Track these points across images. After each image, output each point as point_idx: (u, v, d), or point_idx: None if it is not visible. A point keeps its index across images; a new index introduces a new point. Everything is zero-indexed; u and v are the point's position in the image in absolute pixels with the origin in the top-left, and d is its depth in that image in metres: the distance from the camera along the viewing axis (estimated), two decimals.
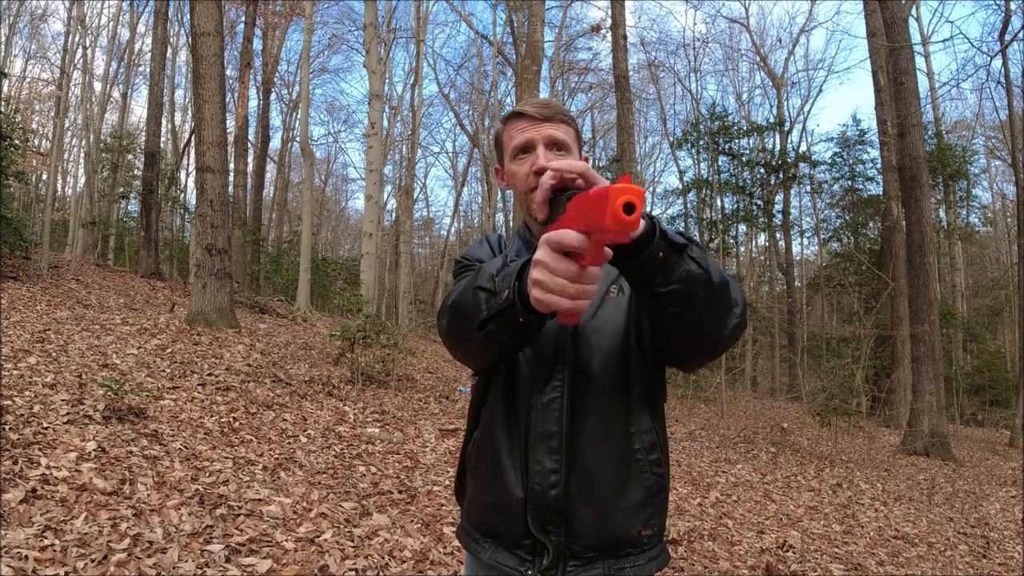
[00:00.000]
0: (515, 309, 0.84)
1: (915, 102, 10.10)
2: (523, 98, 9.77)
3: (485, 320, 0.89)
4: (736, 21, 24.20)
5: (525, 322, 0.85)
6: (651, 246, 0.79)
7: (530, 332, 0.90)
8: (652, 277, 0.83)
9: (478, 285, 0.92)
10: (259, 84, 21.20)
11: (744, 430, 9.38)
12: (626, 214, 0.60)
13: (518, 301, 0.83)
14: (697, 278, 0.84)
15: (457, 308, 0.96)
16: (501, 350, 0.94)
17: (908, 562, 4.27)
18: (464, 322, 0.94)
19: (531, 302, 0.78)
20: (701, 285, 0.84)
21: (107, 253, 16.23)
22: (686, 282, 0.83)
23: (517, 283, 0.84)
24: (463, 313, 0.94)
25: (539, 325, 0.88)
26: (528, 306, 0.82)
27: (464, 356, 1.04)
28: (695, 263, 0.83)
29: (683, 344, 0.98)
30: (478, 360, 1.04)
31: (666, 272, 0.82)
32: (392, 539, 3.03)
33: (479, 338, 0.91)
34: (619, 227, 0.61)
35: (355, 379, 6.65)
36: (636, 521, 1.03)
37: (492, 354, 0.97)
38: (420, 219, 32.74)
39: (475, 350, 0.98)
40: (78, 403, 3.90)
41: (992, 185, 24.92)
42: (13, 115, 11.00)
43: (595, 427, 1.03)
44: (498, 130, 1.21)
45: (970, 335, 19.96)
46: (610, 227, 0.61)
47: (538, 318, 0.84)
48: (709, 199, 19.73)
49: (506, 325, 0.87)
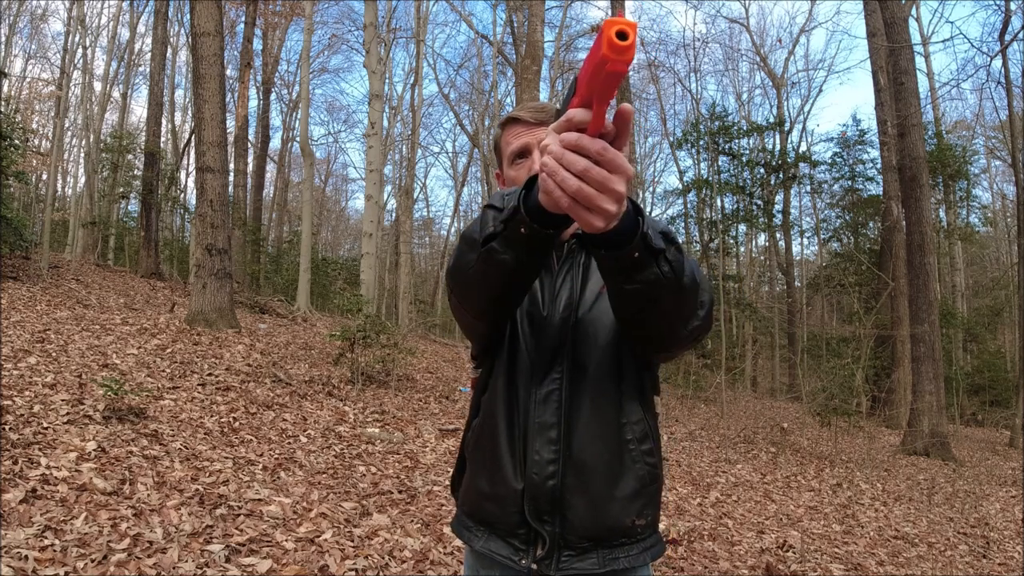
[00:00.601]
0: (519, 217, 0.81)
1: (915, 102, 10.10)
2: (523, 98, 9.76)
3: (490, 235, 0.87)
4: (736, 21, 24.23)
5: (528, 233, 0.81)
6: (629, 245, 0.78)
7: (534, 249, 0.85)
8: (620, 273, 0.82)
9: (488, 204, 0.91)
10: (259, 84, 21.20)
11: (744, 430, 9.38)
12: (620, 40, 0.60)
13: (523, 209, 0.81)
14: (665, 283, 0.82)
15: (465, 234, 0.95)
16: (500, 276, 0.90)
17: (908, 562, 4.27)
18: (469, 245, 0.91)
19: (540, 199, 0.75)
20: (667, 289, 0.83)
21: (107, 253, 16.23)
22: (652, 285, 0.82)
23: (524, 191, 0.82)
24: (470, 237, 0.92)
25: (544, 241, 0.83)
26: (534, 216, 0.79)
27: (465, 291, 0.99)
28: (668, 265, 0.82)
29: (639, 338, 1.00)
30: (479, 293, 0.97)
31: (635, 272, 0.81)
32: (392, 539, 3.03)
33: (480, 258, 0.89)
34: (615, 53, 0.60)
35: (355, 379, 6.65)
36: (630, 511, 1.04)
37: (493, 280, 0.92)
38: (420, 219, 32.78)
39: (477, 277, 0.93)
40: (78, 403, 3.90)
41: (992, 185, 24.96)
42: (13, 115, 11.00)
43: (590, 418, 1.04)
44: (496, 134, 1.22)
45: (970, 335, 19.97)
46: (607, 55, 0.60)
47: (542, 225, 0.80)
48: (709, 199, 19.73)
49: (509, 238, 0.84)
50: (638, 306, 0.88)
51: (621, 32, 0.60)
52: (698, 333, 0.95)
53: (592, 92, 0.67)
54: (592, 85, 0.66)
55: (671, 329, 0.92)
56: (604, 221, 0.70)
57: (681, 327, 0.92)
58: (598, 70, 0.64)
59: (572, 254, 1.13)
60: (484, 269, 0.90)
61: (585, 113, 0.68)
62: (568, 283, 1.10)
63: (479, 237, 0.89)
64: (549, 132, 0.72)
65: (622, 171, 0.68)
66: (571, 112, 0.69)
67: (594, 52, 0.64)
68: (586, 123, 0.68)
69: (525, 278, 0.95)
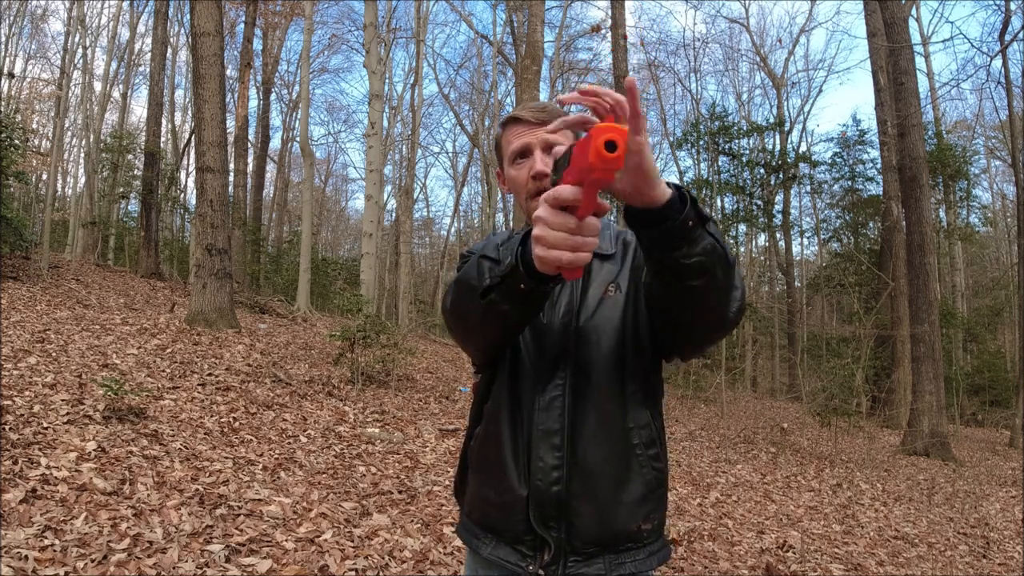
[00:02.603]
0: (517, 274, 0.85)
1: (915, 102, 10.10)
2: (523, 98, 9.76)
3: (488, 288, 0.90)
4: (736, 21, 24.23)
5: (526, 288, 0.86)
6: (683, 213, 0.77)
7: (531, 304, 0.90)
8: (678, 247, 0.80)
9: (483, 255, 0.96)
10: (259, 84, 21.20)
11: (744, 430, 9.38)
12: (608, 151, 0.62)
13: (520, 266, 0.85)
14: (718, 252, 0.82)
15: (462, 280, 0.98)
16: (503, 323, 0.95)
17: (908, 562, 4.27)
18: (468, 293, 0.95)
19: (534, 263, 0.80)
20: (720, 260, 0.83)
21: (107, 253, 16.23)
22: (710, 255, 0.81)
23: (520, 249, 0.86)
24: (467, 285, 0.95)
25: (541, 295, 0.88)
26: (530, 272, 0.83)
27: (466, 333, 1.04)
28: (714, 238, 0.82)
29: (687, 326, 0.96)
30: (478, 337, 1.04)
31: (692, 243, 0.80)
32: (392, 539, 3.03)
33: (481, 308, 0.92)
34: (602, 163, 0.63)
35: (355, 379, 6.65)
36: (637, 516, 1.04)
37: (493, 327, 0.97)
38: (420, 219, 32.78)
39: (477, 323, 0.98)
40: (78, 403, 3.90)
41: (992, 185, 24.95)
42: (13, 115, 11.00)
43: (595, 424, 1.04)
44: (497, 134, 1.22)
45: (970, 335, 19.97)
46: (594, 164, 0.64)
47: (540, 284, 0.84)
48: (709, 199, 19.69)
49: (508, 292, 0.88)
50: (698, 283, 0.84)
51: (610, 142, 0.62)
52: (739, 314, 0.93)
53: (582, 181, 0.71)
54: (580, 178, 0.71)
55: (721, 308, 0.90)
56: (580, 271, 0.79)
57: (727, 307, 0.90)
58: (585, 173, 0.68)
59: None
60: (484, 318, 0.94)
61: (574, 194, 0.73)
62: (568, 289, 1.10)
63: (478, 285, 0.92)
64: (541, 202, 0.77)
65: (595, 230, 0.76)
66: (563, 191, 0.74)
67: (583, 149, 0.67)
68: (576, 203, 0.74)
69: (525, 323, 1.00)
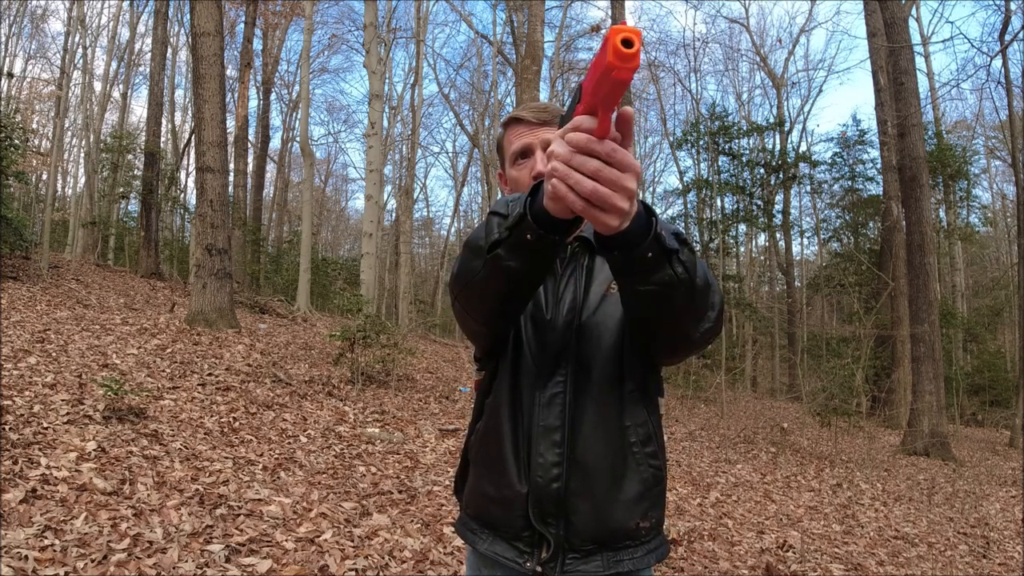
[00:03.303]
0: (525, 223, 0.81)
1: (915, 102, 10.10)
2: (523, 98, 9.76)
3: (495, 242, 0.86)
4: (736, 21, 24.23)
5: (533, 239, 0.81)
6: (641, 245, 0.78)
7: (539, 257, 0.85)
8: (634, 274, 0.82)
9: (492, 211, 0.91)
10: (259, 84, 21.19)
11: (744, 430, 9.38)
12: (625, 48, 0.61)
13: (529, 215, 0.81)
14: (679, 283, 0.82)
15: (469, 241, 0.94)
16: (506, 283, 0.90)
17: (908, 562, 4.27)
18: (474, 252, 0.91)
19: (547, 205, 0.76)
20: (681, 290, 0.83)
21: (107, 253, 16.23)
22: (667, 286, 0.82)
23: (529, 199, 0.82)
24: (474, 245, 0.92)
25: (549, 248, 0.83)
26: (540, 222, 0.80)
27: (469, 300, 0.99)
28: (682, 266, 0.82)
29: (651, 340, 1.00)
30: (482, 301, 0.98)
31: (649, 272, 0.81)
32: (392, 539, 3.03)
33: (486, 266, 0.89)
34: (620, 61, 0.61)
35: (355, 379, 6.65)
36: (634, 514, 1.04)
37: (497, 289, 0.92)
38: (420, 219, 32.77)
39: (481, 284, 0.93)
40: (78, 403, 3.90)
41: (992, 185, 24.95)
42: (13, 115, 11.00)
43: (594, 421, 1.04)
44: (499, 135, 1.21)
45: (970, 335, 19.96)
46: (612, 63, 0.61)
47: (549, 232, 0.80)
48: (709, 199, 19.73)
49: (515, 245, 0.84)
50: (652, 308, 0.87)
51: (626, 39, 0.61)
52: (709, 335, 0.95)
53: (597, 99, 0.68)
54: (597, 92, 0.67)
55: (683, 331, 0.92)
56: (619, 219, 0.71)
57: (693, 329, 0.92)
58: (604, 77, 0.64)
59: (576, 256, 1.12)
60: (489, 276, 0.90)
61: (591, 120, 0.69)
62: (572, 286, 1.09)
63: (484, 244, 0.88)
64: (555, 138, 0.73)
65: (631, 169, 0.70)
66: (577, 119, 0.70)
67: (599, 60, 0.64)
68: (593, 129, 0.69)
69: (531, 284, 0.94)
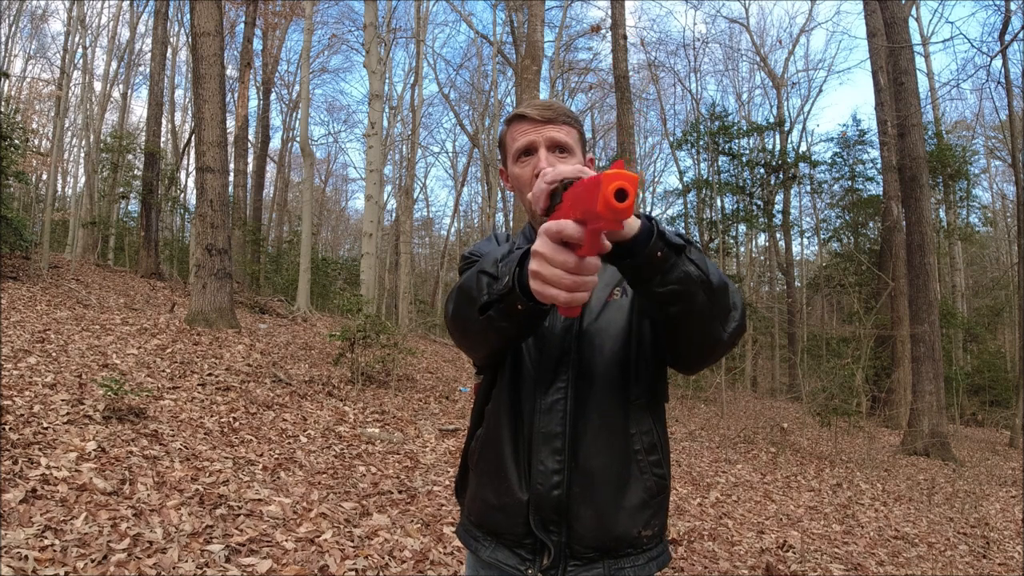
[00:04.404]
0: (514, 296, 0.84)
1: (915, 102, 10.10)
2: (523, 98, 9.76)
3: (486, 304, 0.89)
4: (736, 21, 24.25)
5: (524, 310, 0.84)
6: (648, 245, 0.80)
7: (529, 322, 0.89)
8: (650, 277, 0.83)
9: (482, 269, 0.93)
10: (259, 84, 21.20)
11: (744, 430, 9.38)
12: (618, 201, 0.59)
13: (517, 288, 0.83)
14: (695, 280, 0.84)
15: (462, 292, 0.97)
16: (500, 339, 0.94)
17: (908, 562, 4.27)
18: (467, 306, 0.94)
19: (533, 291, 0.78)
20: (700, 287, 0.84)
21: (107, 253, 16.23)
22: (684, 283, 0.83)
23: (518, 270, 0.84)
24: (467, 297, 0.94)
25: (539, 315, 0.87)
26: (528, 294, 0.82)
27: (467, 343, 1.03)
28: (693, 264, 0.83)
29: (681, 346, 0.99)
30: (480, 347, 1.03)
31: (664, 272, 0.82)
32: (392, 539, 3.03)
33: (480, 323, 0.91)
34: (611, 214, 0.60)
35: (355, 379, 6.65)
36: (636, 522, 1.03)
37: (492, 342, 0.97)
38: (420, 219, 32.75)
39: (476, 336, 0.98)
40: (78, 403, 3.90)
41: (992, 185, 24.93)
42: (13, 115, 10.99)
43: (596, 428, 1.03)
44: (502, 131, 1.20)
45: (970, 335, 19.96)
46: (602, 214, 0.60)
47: (537, 307, 0.83)
48: (709, 199, 19.74)
49: (505, 312, 0.87)
50: (675, 312, 0.88)
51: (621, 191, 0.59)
52: (737, 335, 0.95)
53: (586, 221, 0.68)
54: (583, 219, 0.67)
55: (712, 332, 0.92)
56: None
57: (721, 330, 0.92)
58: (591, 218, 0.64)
59: None
60: (485, 331, 0.93)
61: (578, 232, 0.70)
62: None
63: (477, 298, 0.91)
64: (540, 235, 0.74)
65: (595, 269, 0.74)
66: (566, 226, 0.71)
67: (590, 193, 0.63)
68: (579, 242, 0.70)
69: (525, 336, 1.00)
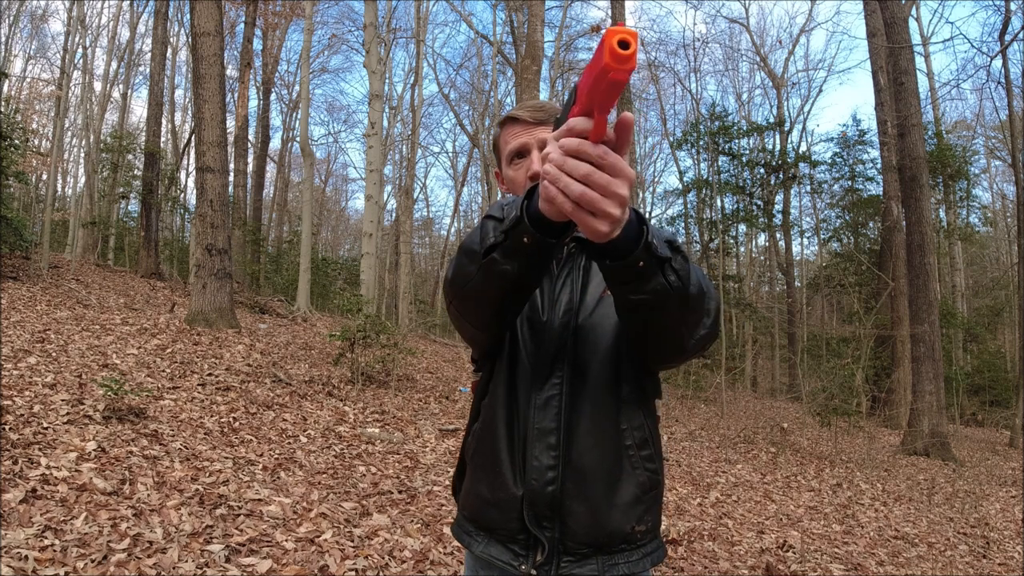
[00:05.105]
0: (522, 226, 0.80)
1: (915, 102, 10.11)
2: (523, 98, 9.76)
3: (492, 246, 0.86)
4: (736, 21, 24.25)
5: (530, 243, 0.80)
6: (633, 253, 0.77)
7: (536, 259, 0.84)
8: (626, 283, 0.82)
9: (488, 215, 0.90)
10: (259, 84, 21.21)
11: (744, 430, 9.38)
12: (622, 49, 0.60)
13: (525, 218, 0.80)
14: (672, 290, 0.81)
15: (465, 245, 0.93)
16: (501, 287, 0.89)
17: (908, 562, 4.27)
18: (469, 256, 0.90)
19: (541, 207, 0.75)
20: (674, 298, 0.83)
21: (107, 253, 16.24)
22: (658, 294, 0.82)
23: (526, 202, 0.81)
24: (470, 249, 0.91)
25: (546, 251, 0.82)
26: (536, 224, 0.79)
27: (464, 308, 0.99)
28: (675, 274, 0.81)
29: (645, 347, 0.99)
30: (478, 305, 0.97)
31: (641, 281, 0.80)
32: (392, 539, 3.03)
33: (480, 273, 0.88)
34: (617, 62, 0.60)
35: (355, 379, 6.65)
36: (630, 517, 1.03)
37: (492, 296, 0.92)
38: (420, 219, 32.79)
39: (475, 291, 0.93)
40: (78, 403, 3.90)
41: (992, 185, 24.96)
42: (13, 115, 10.99)
43: (590, 424, 1.03)
44: (495, 134, 1.20)
45: (970, 335, 19.96)
46: (609, 64, 0.60)
47: (544, 241, 0.80)
48: (709, 199, 19.73)
49: (511, 249, 0.83)
50: (644, 316, 0.87)
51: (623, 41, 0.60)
52: (705, 342, 0.94)
53: (593, 101, 0.67)
54: (593, 94, 0.66)
55: (678, 339, 0.91)
56: (608, 226, 0.70)
57: (688, 337, 0.91)
58: (600, 79, 0.64)
59: (572, 257, 1.11)
60: (485, 280, 0.89)
61: (586, 122, 0.68)
62: (568, 287, 1.08)
63: (479, 248, 0.88)
64: (550, 140, 0.72)
65: (624, 175, 0.68)
66: (572, 121, 0.69)
67: (595, 61, 0.64)
68: (587, 131, 0.68)
69: (527, 288, 0.94)
